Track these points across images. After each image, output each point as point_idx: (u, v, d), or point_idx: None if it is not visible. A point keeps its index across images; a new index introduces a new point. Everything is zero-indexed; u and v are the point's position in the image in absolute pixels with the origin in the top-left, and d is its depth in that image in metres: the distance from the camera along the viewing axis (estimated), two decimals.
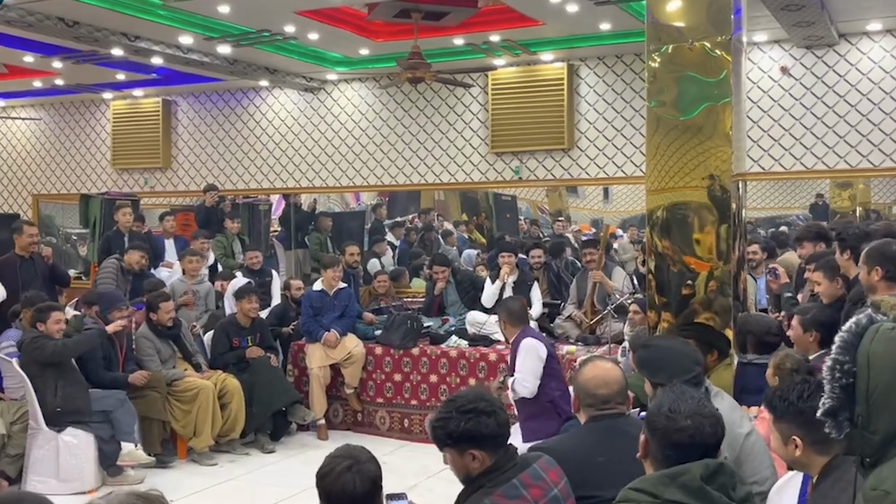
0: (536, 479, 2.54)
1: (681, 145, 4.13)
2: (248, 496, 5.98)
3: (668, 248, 4.35)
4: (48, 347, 5.88)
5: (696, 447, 2.25)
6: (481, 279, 8.29)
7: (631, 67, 8.94)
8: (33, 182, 12.38)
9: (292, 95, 10.62)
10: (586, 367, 3.11)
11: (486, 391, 2.70)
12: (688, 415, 2.28)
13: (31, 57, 8.97)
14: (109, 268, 7.71)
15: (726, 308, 4.30)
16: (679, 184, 4.20)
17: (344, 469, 2.48)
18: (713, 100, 4.08)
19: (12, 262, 7.28)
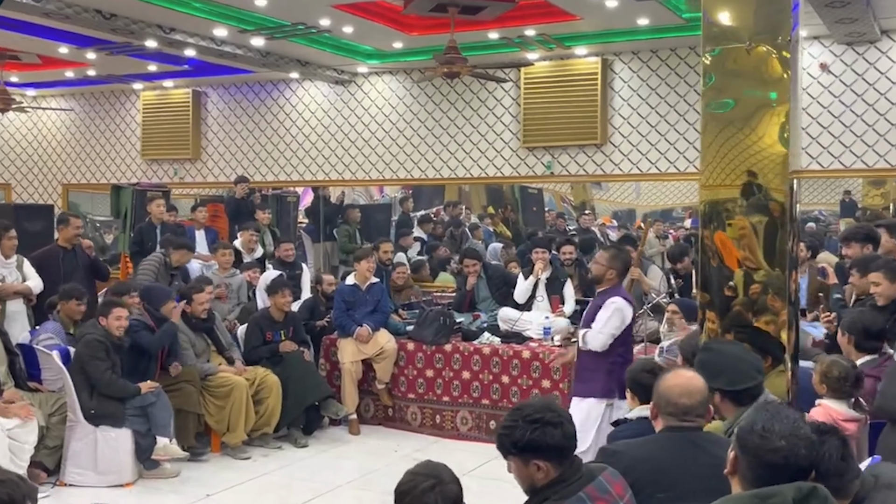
0: (602, 493, 2.50)
1: (734, 146, 4.07)
2: (283, 491, 5.98)
3: (710, 245, 4.29)
4: (103, 376, 5.90)
5: (788, 469, 2.18)
6: (513, 275, 8.24)
7: (666, 63, 8.85)
8: (63, 172, 12.44)
9: (322, 88, 10.60)
10: (669, 375, 3.06)
11: (555, 402, 2.65)
12: (782, 435, 2.20)
13: (65, 48, 9.00)
14: (153, 262, 7.72)
15: (775, 311, 4.24)
16: (725, 181, 4.15)
17: (427, 488, 2.43)
18: (770, 102, 4.01)
19: (55, 253, 7.31)
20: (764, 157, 4.09)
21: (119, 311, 6.06)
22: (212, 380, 6.75)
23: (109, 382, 5.94)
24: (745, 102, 4.07)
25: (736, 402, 3.40)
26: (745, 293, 4.25)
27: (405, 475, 2.52)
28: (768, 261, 4.18)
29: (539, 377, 7.04)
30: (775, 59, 4.03)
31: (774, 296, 4.20)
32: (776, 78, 4.03)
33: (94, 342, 5.96)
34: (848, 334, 4.29)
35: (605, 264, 5.32)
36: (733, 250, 4.15)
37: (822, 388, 4.00)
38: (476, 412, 7.33)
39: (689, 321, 6.29)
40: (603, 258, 5.40)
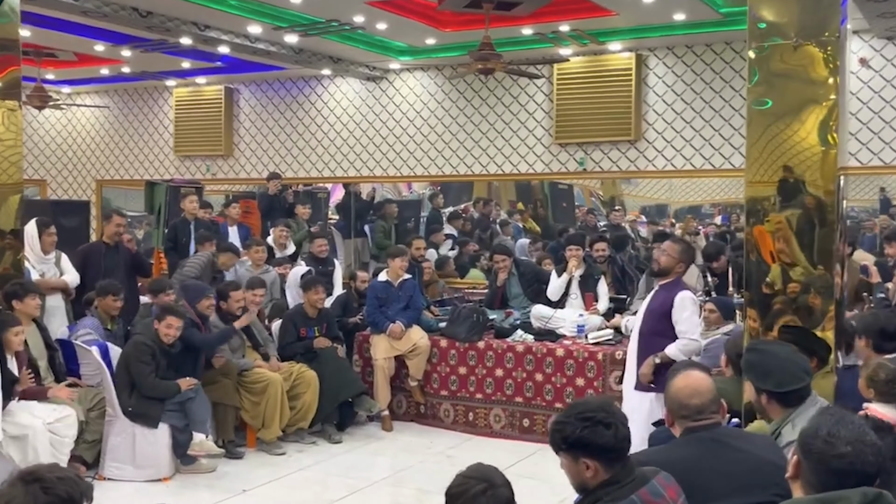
0: (656, 497, 2.47)
1: (780, 143, 4.02)
2: (318, 487, 6.00)
3: (756, 241, 4.24)
4: (146, 380, 5.97)
5: (854, 475, 2.16)
6: (546, 272, 8.20)
7: (702, 58, 8.76)
8: (97, 168, 12.57)
9: (354, 84, 10.61)
10: (676, 378, 3.01)
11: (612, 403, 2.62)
12: (848, 441, 2.18)
13: (101, 46, 9.08)
14: (202, 259, 7.78)
15: (816, 311, 4.18)
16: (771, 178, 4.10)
17: (479, 492, 2.41)
18: (816, 98, 3.96)
19: (98, 249, 7.39)
20: (809, 154, 4.04)
21: (172, 320, 6.10)
22: (247, 375, 6.79)
23: (152, 386, 6.01)
24: (791, 99, 4.01)
25: (783, 404, 3.36)
26: (783, 291, 4.19)
27: (456, 478, 2.49)
28: (808, 258, 4.13)
29: (573, 375, 7.01)
30: (822, 56, 3.97)
31: (816, 294, 4.14)
32: (823, 74, 3.97)
33: (142, 345, 6.03)
34: (865, 337, 4.22)
35: (677, 257, 5.30)
36: (775, 247, 4.10)
37: (870, 392, 3.93)
38: (509, 410, 7.31)
39: (725, 319, 6.24)
40: (674, 251, 5.35)
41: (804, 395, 3.34)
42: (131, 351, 6.04)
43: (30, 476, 2.14)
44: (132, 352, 6.03)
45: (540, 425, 7.13)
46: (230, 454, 6.51)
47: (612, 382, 6.82)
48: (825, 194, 4.01)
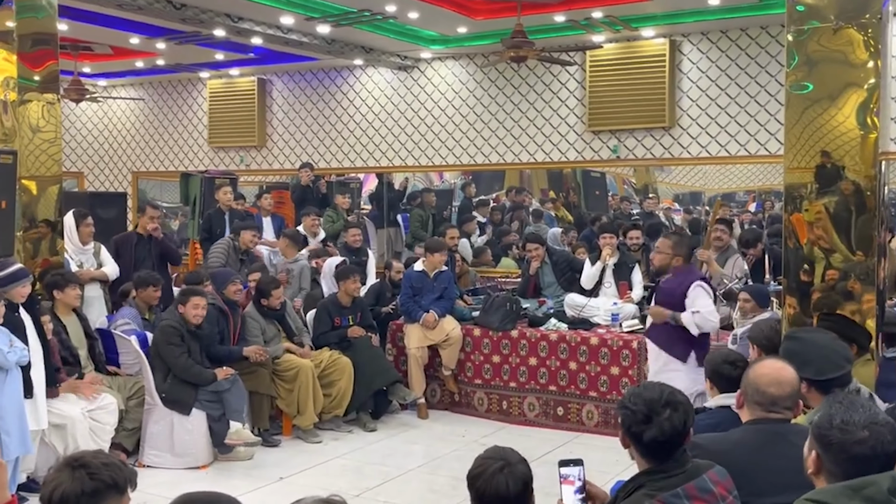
0: (703, 492, 2.43)
1: (818, 128, 3.96)
2: (354, 475, 6.05)
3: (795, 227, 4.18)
4: (178, 360, 6.04)
5: (877, 458, 2.15)
6: (579, 260, 8.17)
7: (737, 43, 8.65)
8: (133, 160, 12.72)
9: (385, 74, 10.62)
10: (758, 364, 2.98)
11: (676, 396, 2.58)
12: (864, 425, 2.17)
13: (136, 38, 9.17)
14: (222, 246, 7.88)
15: (856, 297, 4.11)
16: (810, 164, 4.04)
17: (496, 470, 2.50)
18: (857, 82, 3.89)
19: (130, 240, 7.51)
20: (849, 139, 3.97)
21: (197, 300, 6.19)
22: (279, 364, 6.85)
23: (186, 367, 6.07)
24: (830, 83, 3.95)
25: (823, 392, 3.31)
26: (822, 278, 4.13)
27: (475, 461, 2.60)
28: (847, 244, 4.06)
29: (608, 364, 6.98)
30: (861, 39, 3.90)
31: (856, 281, 4.08)
32: (862, 58, 3.90)
33: (169, 328, 6.10)
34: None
35: (671, 252, 5.36)
36: (815, 233, 4.05)
37: None
38: (543, 398, 7.30)
39: (761, 307, 6.17)
40: (666, 246, 5.43)
41: (844, 382, 3.30)
42: (159, 336, 6.13)
43: (76, 462, 2.19)
44: (160, 337, 6.12)
45: (574, 414, 7.13)
46: (266, 442, 6.58)
47: (646, 371, 6.78)
48: (865, 180, 3.95)
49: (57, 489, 2.12)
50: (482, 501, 2.52)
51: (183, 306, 6.17)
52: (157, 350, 6.11)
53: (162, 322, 6.19)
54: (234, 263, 7.76)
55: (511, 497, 2.49)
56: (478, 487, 2.52)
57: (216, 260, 7.72)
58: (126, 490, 2.25)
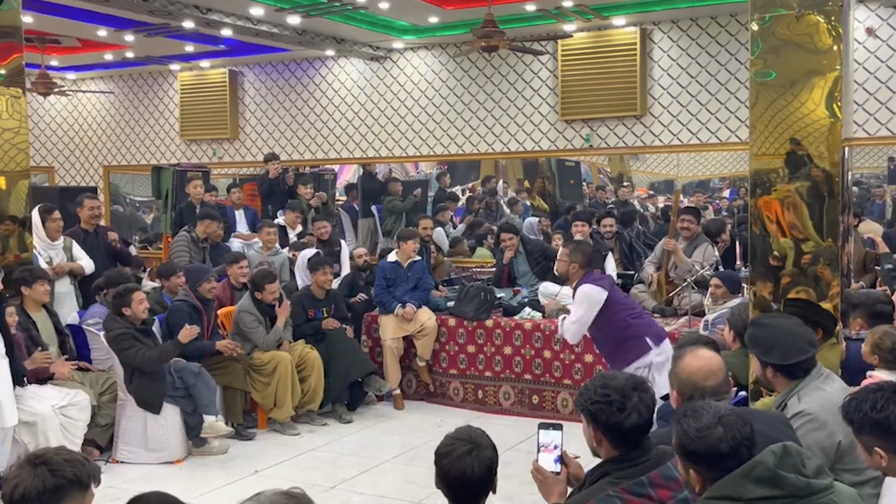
0: (667, 480, 2.47)
1: (780, 112, 3.99)
2: (330, 467, 6.04)
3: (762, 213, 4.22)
4: (138, 358, 5.93)
5: (741, 445, 2.28)
6: (553, 249, 8.18)
7: (706, 31, 8.69)
8: (104, 154, 12.59)
9: (358, 65, 10.58)
10: (687, 358, 2.97)
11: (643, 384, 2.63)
12: (715, 423, 2.30)
13: (104, 31, 9.06)
14: (181, 241, 7.82)
15: (824, 282, 4.16)
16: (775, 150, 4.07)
17: (464, 453, 2.56)
18: (820, 69, 3.92)
19: (76, 235, 7.36)
20: (813, 126, 4.00)
21: (139, 295, 6.10)
22: (256, 357, 6.83)
23: (150, 359, 5.98)
24: (794, 70, 3.97)
25: (789, 376, 3.36)
26: (794, 264, 4.16)
27: (445, 438, 2.67)
28: (817, 230, 4.10)
29: (582, 352, 7.02)
30: (824, 26, 3.92)
31: (825, 266, 4.12)
32: (826, 45, 3.92)
33: (118, 336, 5.96)
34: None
35: (568, 260, 5.43)
36: (781, 219, 4.08)
37: (874, 358, 3.93)
38: (518, 387, 7.33)
39: (732, 293, 6.22)
40: (565, 255, 5.52)
41: (809, 366, 3.35)
42: (114, 347, 6.00)
43: (37, 459, 2.17)
44: (115, 347, 5.99)
45: (549, 402, 7.16)
46: (241, 436, 6.56)
47: None
48: (831, 166, 3.98)
49: (18, 487, 2.11)
50: (445, 479, 2.60)
51: (128, 308, 6.01)
52: (119, 358, 6.04)
53: (110, 333, 5.99)
54: (197, 255, 7.70)
55: (475, 480, 2.56)
56: (443, 466, 2.59)
57: (180, 256, 7.66)
58: (89, 486, 2.24)
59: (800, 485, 2.19)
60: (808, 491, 2.19)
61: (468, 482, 2.57)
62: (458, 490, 2.61)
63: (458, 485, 2.59)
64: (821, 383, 3.35)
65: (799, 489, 2.18)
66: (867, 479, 3.21)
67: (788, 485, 2.18)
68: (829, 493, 2.23)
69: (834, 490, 2.25)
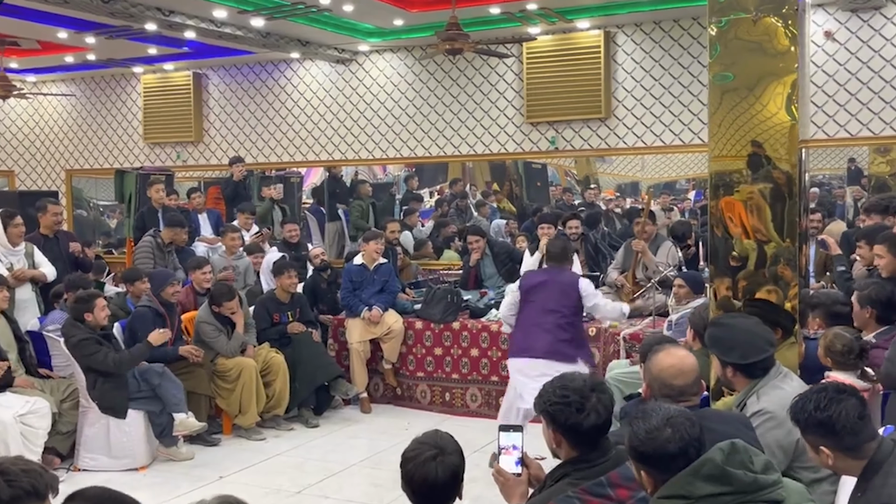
0: (626, 480, 2.49)
1: (739, 116, 4.04)
2: (295, 472, 6.01)
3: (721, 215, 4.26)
4: (106, 362, 5.87)
5: (690, 445, 2.31)
6: (519, 251, 8.23)
7: (669, 34, 8.77)
8: (66, 157, 12.41)
9: (324, 67, 10.53)
10: (660, 355, 3.01)
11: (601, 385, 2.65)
12: (664, 424, 2.32)
13: (64, 33, 8.93)
14: (145, 246, 7.72)
15: (785, 282, 4.21)
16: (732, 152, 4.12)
17: (429, 458, 2.55)
18: (776, 72, 3.98)
19: (36, 241, 7.25)
20: (771, 128, 4.06)
21: (101, 302, 6.04)
22: (221, 363, 6.77)
23: (119, 362, 5.93)
24: (752, 73, 4.03)
25: (748, 376, 3.41)
26: (756, 266, 4.21)
27: (412, 443, 2.66)
28: (778, 232, 4.16)
29: None
30: (781, 29, 3.98)
31: (785, 266, 4.17)
32: (782, 48, 3.98)
33: (82, 342, 5.90)
34: (870, 308, 4.26)
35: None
36: (741, 219, 4.12)
37: (828, 360, 4.00)
38: (485, 389, 7.35)
39: (696, 294, 6.29)
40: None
41: (768, 365, 3.39)
42: (78, 353, 5.92)
43: None
44: (79, 353, 5.91)
45: None
46: (206, 442, 6.51)
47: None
48: (790, 167, 4.04)
49: None
50: (410, 484, 2.58)
51: (90, 313, 5.94)
52: (84, 363, 5.96)
53: (71, 340, 5.92)
54: (161, 260, 7.62)
55: (439, 485, 2.54)
56: (408, 470, 2.58)
57: (144, 262, 7.56)
58: (47, 496, 2.20)
59: (747, 480, 2.22)
60: (755, 486, 2.23)
61: (432, 487, 2.56)
62: (422, 495, 2.60)
63: (422, 490, 2.58)
64: (779, 382, 3.40)
65: (747, 485, 2.22)
66: (825, 476, 3.26)
67: (737, 481, 2.21)
68: (777, 488, 2.27)
69: (782, 485, 2.29)
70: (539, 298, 5.80)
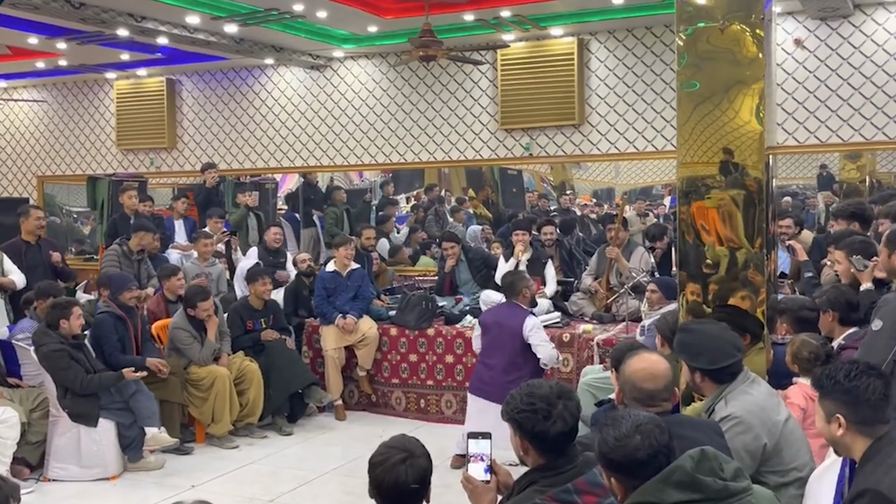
0: (593, 486, 2.50)
1: (710, 124, 4.09)
2: (269, 480, 5.98)
3: (690, 220, 4.30)
4: (77, 381, 5.81)
5: (659, 452, 2.31)
6: (494, 257, 8.25)
7: (642, 41, 8.83)
8: (38, 164, 12.29)
9: (298, 73, 10.51)
10: (633, 359, 3.04)
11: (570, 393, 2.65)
12: (634, 431, 2.33)
13: (35, 38, 8.85)
14: (111, 254, 7.65)
15: (756, 288, 4.25)
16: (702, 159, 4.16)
17: (398, 461, 2.54)
18: (744, 80, 4.02)
19: (17, 247, 7.18)
20: (740, 135, 4.10)
21: (77, 310, 6.00)
22: (194, 372, 6.72)
23: (89, 384, 5.87)
24: (720, 81, 4.07)
25: (716, 381, 3.43)
26: (727, 271, 4.25)
27: (379, 447, 2.65)
28: (748, 238, 4.20)
29: None
30: (749, 37, 4.03)
31: (756, 272, 4.21)
32: (750, 56, 4.03)
33: (54, 354, 5.83)
34: (832, 311, 4.31)
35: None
36: (715, 226, 4.16)
37: (795, 367, 4.04)
38: (460, 395, 7.33)
39: (668, 299, 6.33)
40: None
41: (736, 371, 3.42)
42: (48, 364, 5.86)
43: None
44: (49, 365, 5.85)
45: None
46: (179, 450, 6.45)
47: (559, 365, 6.89)
48: (755, 173, 4.08)
49: None
50: (379, 488, 2.57)
51: (66, 321, 5.88)
52: (53, 374, 5.89)
53: (42, 349, 5.85)
54: (129, 268, 7.55)
55: (407, 489, 2.53)
56: (377, 475, 2.57)
57: (109, 269, 7.50)
58: None
59: (717, 487, 2.23)
60: (725, 493, 2.23)
61: (402, 491, 2.55)
62: (391, 499, 2.59)
63: (391, 494, 2.57)
64: (747, 387, 3.42)
65: (717, 492, 2.23)
66: (792, 480, 3.29)
67: (706, 488, 2.22)
68: (747, 495, 2.28)
69: (752, 492, 2.30)
70: (493, 336, 6.07)
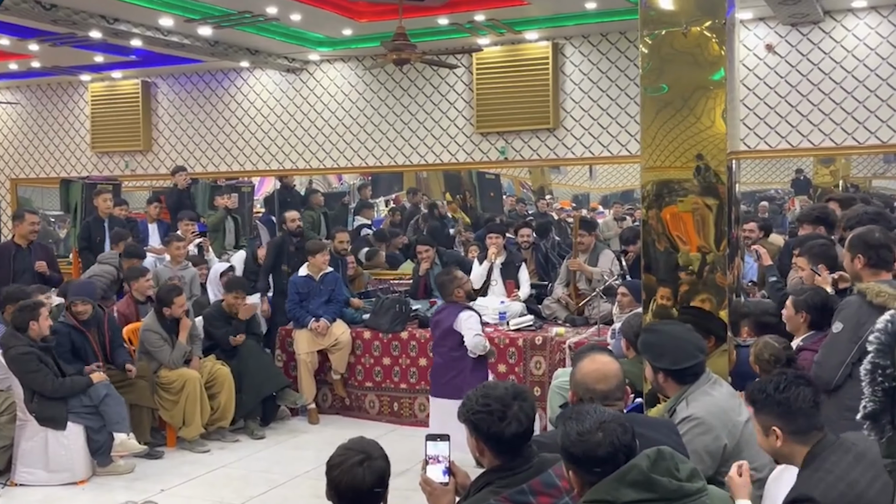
0: (548, 487, 2.50)
1: (675, 130, 4.12)
2: (239, 483, 5.95)
3: (654, 224, 4.33)
4: (47, 385, 5.77)
5: (619, 451, 2.32)
6: (468, 261, 8.26)
7: (616, 46, 8.89)
8: (11, 166, 12.19)
9: (274, 76, 10.49)
10: (584, 361, 3.06)
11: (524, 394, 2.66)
12: (596, 428, 2.33)
13: (6, 40, 8.78)
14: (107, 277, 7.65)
15: (720, 291, 4.29)
16: (665, 163, 4.19)
17: (356, 463, 2.53)
18: (707, 84, 4.06)
19: (7, 250, 7.11)
20: (703, 139, 4.14)
21: (45, 311, 5.96)
22: (164, 375, 6.68)
23: (57, 388, 5.83)
24: (683, 85, 4.11)
25: (679, 381, 3.46)
26: (698, 275, 4.28)
27: (338, 449, 2.64)
28: (715, 241, 4.23)
29: (494, 362, 7.05)
30: (712, 42, 4.07)
31: (723, 275, 4.25)
32: (712, 60, 4.07)
33: (22, 357, 5.78)
34: (805, 313, 4.33)
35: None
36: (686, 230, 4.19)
37: (757, 368, 4.08)
38: None
39: (639, 302, 6.36)
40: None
41: (698, 371, 3.45)
42: (16, 368, 5.81)
43: None
44: (17, 368, 5.80)
45: None
46: (149, 454, 6.41)
47: (532, 368, 6.91)
48: (718, 177, 4.12)
49: None
50: (336, 490, 2.56)
51: (35, 322, 5.82)
52: (21, 378, 5.84)
53: (10, 352, 5.79)
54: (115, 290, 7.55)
55: (365, 491, 2.53)
56: (334, 477, 2.56)
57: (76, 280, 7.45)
58: None
59: (672, 487, 2.24)
60: (680, 494, 2.25)
61: (359, 492, 2.54)
62: (349, 501, 2.58)
63: (349, 495, 2.56)
64: (709, 388, 3.45)
65: (671, 492, 2.24)
66: (751, 481, 3.31)
67: (661, 488, 2.23)
68: (702, 495, 2.29)
69: (706, 493, 2.32)
70: (436, 336, 6.36)
